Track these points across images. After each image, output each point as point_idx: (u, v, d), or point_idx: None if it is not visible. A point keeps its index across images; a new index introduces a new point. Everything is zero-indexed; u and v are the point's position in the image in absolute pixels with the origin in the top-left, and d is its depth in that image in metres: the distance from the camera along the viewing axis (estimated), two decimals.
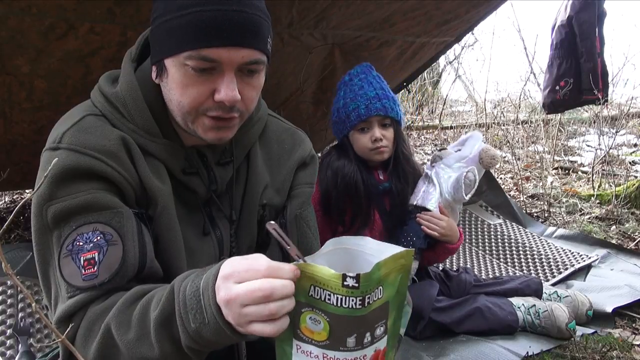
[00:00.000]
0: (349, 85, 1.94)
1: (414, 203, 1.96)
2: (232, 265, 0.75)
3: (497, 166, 1.81)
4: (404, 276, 0.79)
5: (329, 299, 0.72)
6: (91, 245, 0.89)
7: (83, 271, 0.88)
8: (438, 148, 2.93)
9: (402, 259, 0.77)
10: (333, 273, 0.71)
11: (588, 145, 5.50)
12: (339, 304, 0.72)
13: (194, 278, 0.79)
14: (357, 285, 0.71)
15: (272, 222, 0.80)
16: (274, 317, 0.72)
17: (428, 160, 2.31)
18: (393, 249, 0.79)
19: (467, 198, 1.87)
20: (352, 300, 0.71)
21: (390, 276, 0.76)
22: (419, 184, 2.02)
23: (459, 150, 1.98)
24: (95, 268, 0.88)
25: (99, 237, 0.89)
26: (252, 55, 0.91)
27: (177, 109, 0.95)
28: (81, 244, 0.89)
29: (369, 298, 0.73)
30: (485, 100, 6.75)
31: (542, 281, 2.19)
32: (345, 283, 0.70)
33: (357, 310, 0.72)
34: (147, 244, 0.94)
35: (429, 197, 1.94)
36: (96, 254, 0.88)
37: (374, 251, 0.82)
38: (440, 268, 2.16)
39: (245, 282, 0.72)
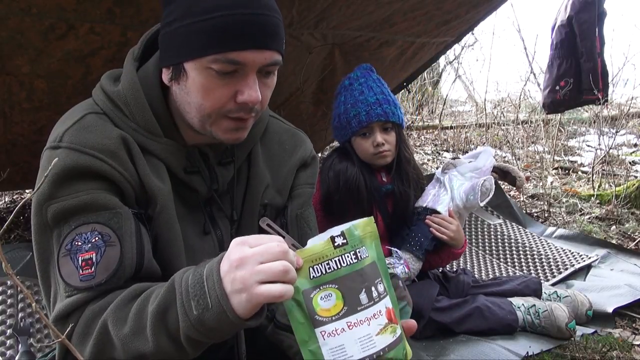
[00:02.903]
0: (349, 90, 1.93)
1: (424, 205, 1.97)
2: (242, 238, 0.78)
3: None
4: (377, 243, 0.87)
5: (329, 267, 0.79)
6: (89, 245, 0.89)
7: (80, 271, 0.88)
8: (452, 157, 3.00)
9: (368, 226, 0.85)
10: (322, 242, 0.80)
11: (588, 145, 5.50)
12: (338, 266, 0.79)
13: (196, 268, 0.81)
14: (345, 241, 0.80)
15: (264, 217, 0.83)
16: (286, 275, 0.73)
17: (429, 160, 2.32)
18: (352, 222, 0.85)
19: (482, 205, 1.91)
20: (347, 256, 0.80)
21: (367, 240, 0.84)
22: (428, 187, 2.04)
23: (471, 162, 2.03)
24: (93, 269, 0.88)
25: (97, 238, 0.89)
26: (273, 56, 0.92)
27: (197, 111, 0.95)
28: (79, 244, 0.89)
29: (359, 252, 0.81)
30: (485, 100, 6.75)
31: (542, 281, 2.19)
32: (335, 243, 0.80)
33: (354, 264, 0.80)
34: (145, 244, 0.94)
35: (439, 200, 1.96)
36: (94, 254, 0.88)
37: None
38: (440, 270, 2.16)
39: (260, 244, 0.76)
